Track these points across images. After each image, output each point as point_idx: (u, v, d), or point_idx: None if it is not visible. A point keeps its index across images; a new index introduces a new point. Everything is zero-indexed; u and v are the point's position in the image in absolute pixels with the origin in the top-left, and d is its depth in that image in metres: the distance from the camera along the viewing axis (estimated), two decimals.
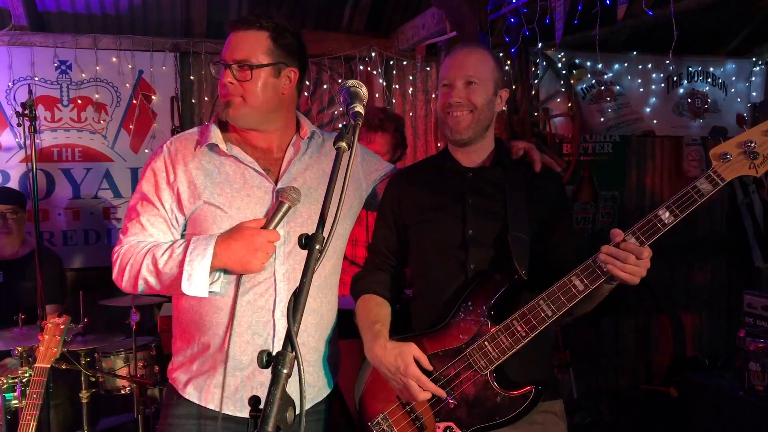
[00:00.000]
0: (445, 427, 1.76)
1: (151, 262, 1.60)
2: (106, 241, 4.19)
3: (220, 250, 1.56)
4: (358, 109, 1.25)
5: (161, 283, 1.60)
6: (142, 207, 1.69)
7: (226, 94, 1.66)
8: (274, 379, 0.98)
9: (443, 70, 1.83)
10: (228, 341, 1.62)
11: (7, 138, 4.00)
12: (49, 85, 4.05)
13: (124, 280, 1.65)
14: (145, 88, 4.21)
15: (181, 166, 1.69)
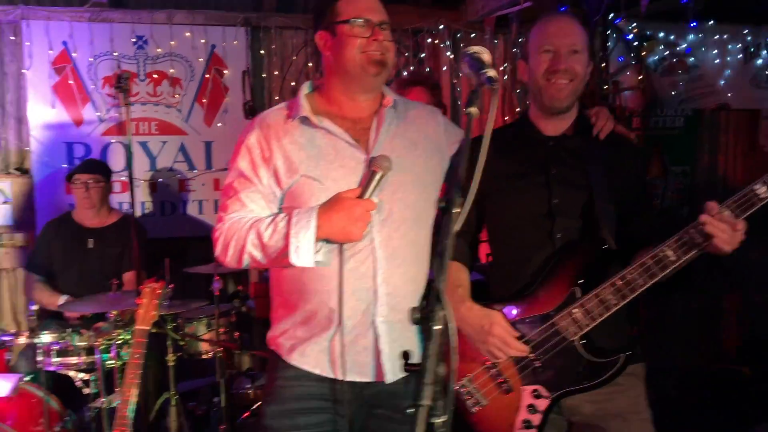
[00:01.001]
0: (533, 390, 1.80)
1: (256, 237, 1.65)
2: (181, 212, 4.34)
3: (322, 221, 1.60)
4: (492, 74, 1.24)
5: (267, 257, 1.65)
6: (239, 184, 1.74)
7: (383, 51, 1.69)
8: (427, 334, 1.03)
9: (542, 36, 1.82)
10: (333, 308, 1.68)
11: (89, 112, 4.16)
12: (127, 60, 4.19)
13: (229, 256, 1.70)
14: (218, 63, 4.31)
15: (275, 142, 1.73)
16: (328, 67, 1.78)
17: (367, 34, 1.69)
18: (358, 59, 1.69)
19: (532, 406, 1.80)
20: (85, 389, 2.97)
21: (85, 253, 3.51)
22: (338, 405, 1.73)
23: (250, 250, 1.66)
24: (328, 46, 1.75)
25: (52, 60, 4.07)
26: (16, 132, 4.14)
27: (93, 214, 3.57)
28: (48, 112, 4.09)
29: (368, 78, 1.72)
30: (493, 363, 1.83)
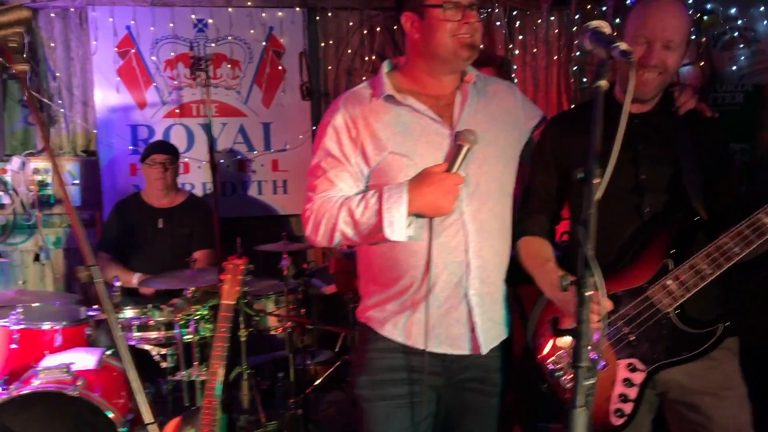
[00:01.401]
0: (628, 363, 1.81)
1: (348, 215, 1.69)
2: (241, 193, 4.42)
3: (413, 196, 1.63)
4: (624, 47, 1.23)
5: (359, 233, 1.70)
6: (327, 164, 1.77)
7: (473, 33, 1.71)
8: (581, 300, 1.06)
9: (640, 23, 1.77)
10: (426, 282, 1.71)
11: (152, 95, 4.25)
12: (187, 43, 4.25)
13: (320, 234, 1.74)
14: (275, 45, 4.35)
15: (361, 120, 1.76)
16: (414, 48, 1.80)
17: (458, 18, 1.70)
18: (449, 44, 1.71)
19: (627, 379, 1.81)
20: (162, 363, 3.07)
21: (155, 233, 3.61)
22: (427, 377, 1.77)
23: (342, 228, 1.70)
24: (416, 27, 1.77)
25: (117, 44, 4.17)
26: (83, 115, 4.25)
27: (163, 195, 3.66)
28: (113, 96, 4.19)
29: (459, 61, 1.74)
30: None
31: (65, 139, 4.26)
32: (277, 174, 4.46)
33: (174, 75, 4.26)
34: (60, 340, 3.04)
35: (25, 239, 4.23)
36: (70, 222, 1.12)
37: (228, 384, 3.42)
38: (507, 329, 1.86)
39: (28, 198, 4.13)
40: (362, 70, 4.52)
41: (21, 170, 4.11)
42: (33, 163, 4.13)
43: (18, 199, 4.12)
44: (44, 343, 3.04)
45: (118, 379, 2.91)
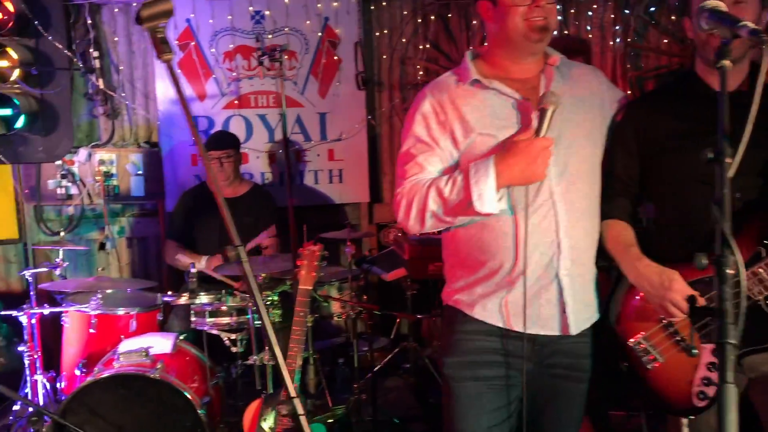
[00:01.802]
0: (714, 348, 1.80)
1: (437, 194, 1.71)
2: (298, 182, 4.48)
3: (501, 168, 1.65)
4: (753, 26, 1.22)
5: (448, 211, 1.71)
6: (417, 149, 1.80)
7: (546, 16, 1.71)
8: (721, 278, 1.07)
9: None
10: (516, 263, 1.73)
11: (212, 86, 4.33)
12: (246, 35, 4.32)
13: (411, 218, 1.76)
14: (331, 35, 4.39)
15: (448, 105, 1.79)
16: (491, 35, 1.84)
17: (528, 1, 1.70)
18: (520, 27, 1.72)
19: (712, 364, 1.81)
20: (232, 348, 3.14)
21: (221, 222, 3.68)
22: (515, 360, 1.79)
23: (432, 208, 1.72)
24: (490, 15, 1.79)
25: (177, 37, 4.25)
26: (144, 107, 4.35)
27: (226, 185, 3.74)
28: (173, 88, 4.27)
29: (531, 45, 1.75)
30: (669, 321, 1.85)
31: (128, 130, 4.37)
32: (333, 163, 4.51)
33: (232, 67, 4.33)
34: (135, 326, 3.15)
35: (91, 229, 4.37)
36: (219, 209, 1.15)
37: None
38: (597, 312, 1.87)
39: (94, 189, 4.26)
40: (416, 59, 4.53)
41: (87, 162, 4.24)
42: (98, 154, 4.25)
43: (85, 190, 4.25)
44: (120, 328, 3.16)
45: (191, 362, 3.01)
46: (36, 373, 3.10)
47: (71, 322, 3.17)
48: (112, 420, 2.67)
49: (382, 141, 4.65)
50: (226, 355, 3.22)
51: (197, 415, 2.67)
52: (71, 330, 3.17)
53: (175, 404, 2.68)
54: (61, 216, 4.34)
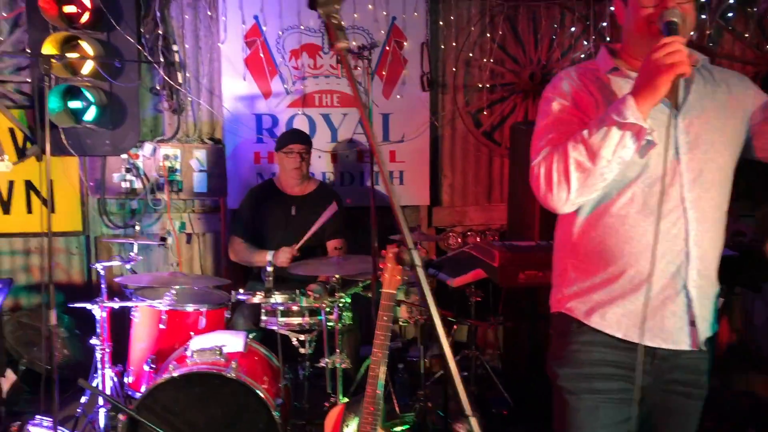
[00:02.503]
0: None
1: (575, 141, 1.61)
2: (359, 184, 4.44)
3: (636, 93, 1.55)
4: None
5: (592, 154, 1.58)
6: (552, 125, 1.72)
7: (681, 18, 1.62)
8: None
9: None
10: (641, 270, 1.65)
11: (277, 84, 4.31)
12: (312, 34, 4.29)
13: (554, 182, 1.63)
14: (397, 35, 4.33)
15: (586, 89, 1.74)
16: (625, 34, 1.78)
17: (652, 4, 1.63)
18: (645, 30, 1.66)
19: None
20: (301, 349, 3.10)
21: (288, 220, 3.67)
22: (633, 373, 1.70)
23: (574, 156, 1.60)
24: (622, 15, 1.75)
25: (245, 34, 4.24)
26: (209, 104, 4.35)
27: (297, 183, 3.71)
28: (239, 85, 4.27)
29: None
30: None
31: (191, 126, 4.37)
32: (394, 165, 4.46)
33: (298, 65, 4.30)
34: (204, 323, 3.12)
35: (152, 223, 4.38)
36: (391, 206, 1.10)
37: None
38: (714, 326, 1.77)
39: (158, 183, 4.27)
40: (481, 61, 4.46)
41: (152, 156, 4.25)
42: (163, 149, 4.26)
43: (149, 185, 4.26)
44: (189, 324, 3.14)
45: (262, 363, 2.97)
46: (105, 366, 3.08)
47: (141, 316, 3.16)
48: (186, 418, 2.64)
49: (444, 143, 4.59)
50: (293, 355, 3.17)
51: (271, 417, 2.63)
52: (141, 325, 3.16)
53: (249, 404, 2.65)
54: (123, 210, 4.35)
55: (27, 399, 3.77)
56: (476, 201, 4.65)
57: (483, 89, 4.47)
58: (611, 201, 1.70)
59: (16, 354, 3.81)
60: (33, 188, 4.26)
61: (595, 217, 1.73)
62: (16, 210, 4.23)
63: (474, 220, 4.63)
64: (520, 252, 2.50)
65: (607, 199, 1.70)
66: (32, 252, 4.39)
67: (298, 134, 3.80)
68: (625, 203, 1.68)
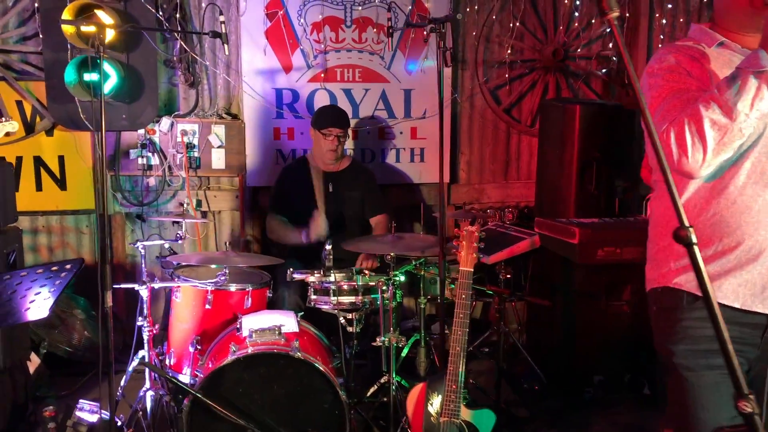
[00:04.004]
0: None
1: (706, 101, 1.58)
2: (380, 160, 4.38)
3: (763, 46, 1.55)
4: None
5: (728, 110, 1.55)
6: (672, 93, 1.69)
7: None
8: None
9: None
10: (759, 240, 1.66)
11: (298, 58, 4.20)
12: (335, 6, 4.19)
13: (688, 143, 1.59)
14: (421, 9, 4.26)
15: (696, 62, 1.73)
16: (720, 12, 1.80)
17: None
18: (747, 7, 1.67)
19: None
20: (349, 328, 3.07)
21: (326, 197, 3.60)
22: (748, 348, 1.73)
23: (709, 115, 1.56)
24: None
25: (266, 5, 4.10)
26: (227, 77, 4.21)
27: (333, 162, 3.64)
28: (259, 59, 4.14)
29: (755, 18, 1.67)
30: None
31: (208, 100, 4.24)
32: (416, 142, 4.42)
33: (320, 38, 4.20)
34: (249, 302, 3.06)
35: (168, 200, 4.25)
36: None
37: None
38: None
39: (176, 160, 4.13)
40: (502, 37, 4.43)
41: (169, 131, 4.11)
42: (180, 124, 4.12)
43: (167, 162, 4.12)
44: (235, 304, 3.06)
45: (315, 342, 2.93)
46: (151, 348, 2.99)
47: (183, 297, 3.07)
48: (251, 399, 2.59)
49: (462, 120, 4.56)
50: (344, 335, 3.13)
51: (337, 396, 2.60)
52: (183, 305, 3.07)
53: (314, 384, 2.61)
54: (137, 187, 4.20)
55: (48, 383, 3.64)
56: (493, 178, 4.66)
57: (504, 65, 4.45)
58: (727, 172, 1.69)
59: (36, 337, 3.66)
60: (43, 164, 4.07)
61: (708, 189, 1.73)
62: (25, 187, 4.04)
63: (491, 197, 4.64)
64: (600, 229, 2.51)
65: (723, 171, 1.69)
66: (40, 231, 4.21)
67: (338, 116, 3.69)
68: (742, 173, 1.67)
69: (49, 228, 4.21)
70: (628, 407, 3.54)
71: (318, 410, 2.61)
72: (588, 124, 3.54)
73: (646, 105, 1.79)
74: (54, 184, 4.09)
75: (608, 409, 3.51)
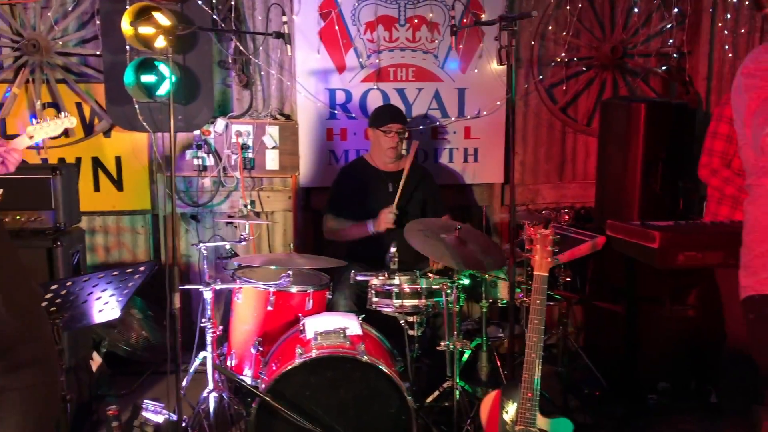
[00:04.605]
0: None
1: None
2: (433, 160, 4.33)
3: None
4: None
5: None
6: None
7: None
8: None
9: None
10: None
11: (351, 58, 4.17)
12: (389, 5, 4.15)
13: None
14: (476, 7, 4.20)
15: None
16: None
17: None
18: None
19: None
20: (410, 331, 3.02)
21: (386, 196, 3.56)
22: None
23: None
24: None
25: (319, 5, 4.09)
26: (279, 77, 4.21)
27: (392, 160, 3.61)
28: (313, 59, 4.12)
29: None
30: None
31: (261, 101, 4.24)
32: (469, 141, 4.36)
33: (373, 38, 4.16)
34: (311, 304, 3.04)
35: (222, 201, 4.26)
36: None
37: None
38: None
39: (230, 161, 4.14)
40: (558, 34, 4.34)
41: (224, 132, 4.12)
42: (235, 126, 4.13)
43: (222, 163, 4.13)
44: (296, 306, 3.05)
45: (377, 346, 2.89)
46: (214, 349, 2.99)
47: (245, 298, 3.06)
48: (317, 402, 2.56)
49: (516, 120, 4.47)
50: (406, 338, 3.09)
51: (404, 400, 2.56)
52: (244, 307, 3.07)
53: (380, 388, 2.57)
54: (191, 188, 4.23)
55: (108, 382, 3.68)
56: (547, 179, 4.57)
57: (560, 64, 4.36)
58: None
59: (96, 336, 3.71)
60: (101, 165, 4.12)
61: None
62: (83, 188, 4.07)
63: (546, 198, 4.55)
64: (681, 233, 2.43)
65: None
66: (97, 231, 4.26)
67: (397, 113, 3.69)
68: None
69: (106, 228, 4.26)
70: (694, 415, 3.43)
71: (384, 415, 2.58)
72: (653, 123, 3.44)
73: (744, 106, 1.73)
74: (111, 185, 4.13)
75: (673, 417, 3.40)
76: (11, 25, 3.92)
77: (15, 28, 3.93)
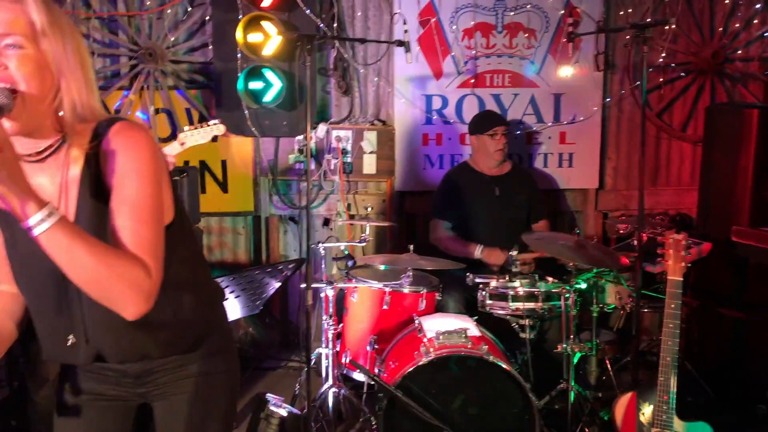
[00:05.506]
0: None
1: None
2: (527, 165, 4.36)
3: None
4: None
5: None
6: None
7: None
8: None
9: None
10: None
11: (448, 64, 4.24)
12: (487, 12, 4.20)
13: None
14: (573, 13, 4.22)
15: None
16: None
17: None
18: None
19: None
20: (521, 334, 3.06)
21: (493, 201, 3.62)
22: None
23: None
24: None
25: (419, 13, 4.17)
26: (377, 84, 4.31)
27: (498, 164, 3.67)
28: (411, 65, 4.20)
29: None
30: None
31: (358, 107, 4.34)
32: (564, 147, 4.37)
33: (471, 44, 4.23)
34: (424, 305, 3.11)
35: (320, 204, 4.38)
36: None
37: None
38: None
39: (330, 165, 4.26)
40: (656, 39, 4.31)
41: (324, 138, 4.24)
42: (335, 131, 4.25)
43: (322, 167, 4.26)
44: (409, 306, 3.13)
45: (495, 346, 2.94)
46: (335, 346, 3.09)
47: (360, 297, 3.15)
48: (442, 400, 2.63)
49: (610, 125, 4.47)
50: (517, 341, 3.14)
51: (528, 401, 2.60)
52: (359, 305, 3.16)
53: (505, 388, 2.63)
54: (290, 190, 4.37)
55: None
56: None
57: (656, 69, 4.33)
58: None
59: None
60: (208, 169, 4.29)
61: None
62: None
63: None
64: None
65: None
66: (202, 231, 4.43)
67: (498, 116, 3.77)
68: None
69: (209, 229, 4.43)
70: None
71: (509, 414, 2.63)
72: (765, 129, 3.40)
73: None
74: (217, 188, 4.30)
75: None
76: (128, 34, 4.14)
77: (132, 37, 4.14)
